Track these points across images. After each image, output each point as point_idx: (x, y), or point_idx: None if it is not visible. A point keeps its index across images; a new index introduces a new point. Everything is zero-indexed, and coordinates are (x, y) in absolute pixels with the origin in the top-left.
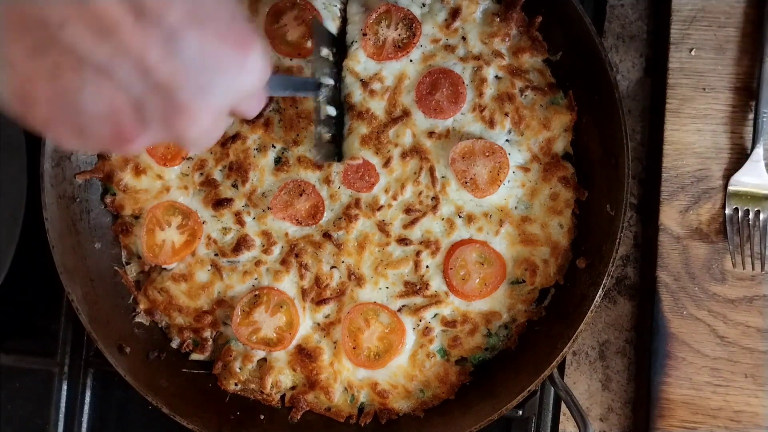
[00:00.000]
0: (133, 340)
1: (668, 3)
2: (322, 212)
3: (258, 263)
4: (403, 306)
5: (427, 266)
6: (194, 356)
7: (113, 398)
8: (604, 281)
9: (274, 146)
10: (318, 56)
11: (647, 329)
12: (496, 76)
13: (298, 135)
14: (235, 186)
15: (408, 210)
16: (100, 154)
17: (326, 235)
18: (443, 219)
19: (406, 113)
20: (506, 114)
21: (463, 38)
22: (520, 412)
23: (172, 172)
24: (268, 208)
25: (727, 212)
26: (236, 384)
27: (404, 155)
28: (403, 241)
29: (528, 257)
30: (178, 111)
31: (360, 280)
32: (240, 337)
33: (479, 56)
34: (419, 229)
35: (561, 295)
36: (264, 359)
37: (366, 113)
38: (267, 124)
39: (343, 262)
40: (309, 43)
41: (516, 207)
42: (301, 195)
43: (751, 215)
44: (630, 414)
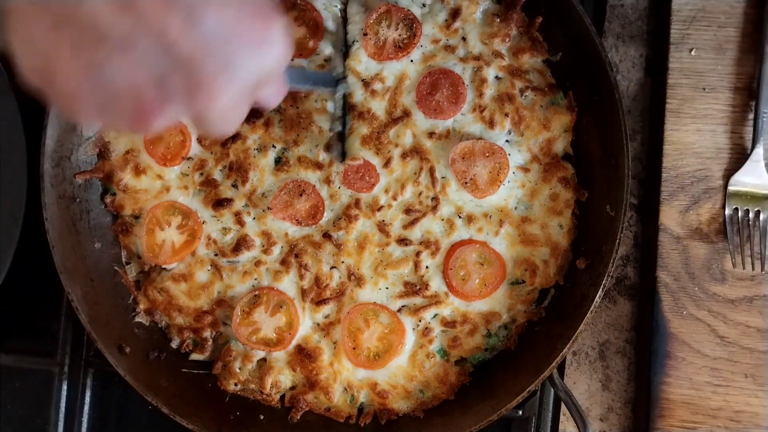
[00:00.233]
0: (133, 340)
1: (668, 3)
2: (322, 212)
3: (258, 263)
4: (403, 306)
5: (427, 267)
6: (194, 356)
7: (113, 398)
8: (604, 281)
9: (275, 146)
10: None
11: (647, 329)
12: (496, 77)
13: (299, 135)
14: (235, 186)
15: (408, 210)
16: (100, 154)
17: (326, 236)
18: (443, 219)
19: (407, 113)
20: (506, 114)
21: (464, 39)
22: (520, 413)
23: (172, 172)
24: (268, 208)
25: (727, 212)
26: (236, 384)
27: (404, 155)
28: (403, 242)
29: (528, 258)
30: (200, 86)
31: (360, 281)
32: (240, 337)
33: (479, 57)
34: (419, 230)
35: (561, 296)
36: (264, 359)
37: (367, 113)
38: (267, 124)
39: (343, 263)
40: (311, 44)
41: (516, 207)
42: (301, 195)
43: (751, 215)
44: (630, 414)
